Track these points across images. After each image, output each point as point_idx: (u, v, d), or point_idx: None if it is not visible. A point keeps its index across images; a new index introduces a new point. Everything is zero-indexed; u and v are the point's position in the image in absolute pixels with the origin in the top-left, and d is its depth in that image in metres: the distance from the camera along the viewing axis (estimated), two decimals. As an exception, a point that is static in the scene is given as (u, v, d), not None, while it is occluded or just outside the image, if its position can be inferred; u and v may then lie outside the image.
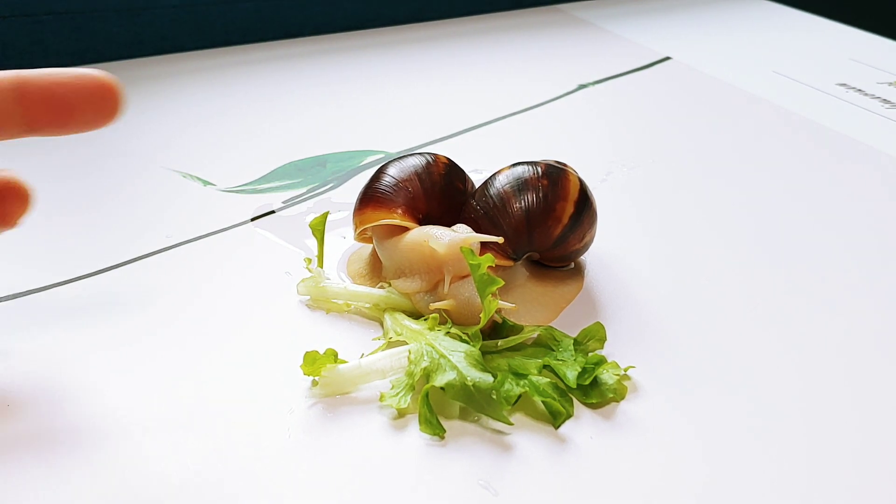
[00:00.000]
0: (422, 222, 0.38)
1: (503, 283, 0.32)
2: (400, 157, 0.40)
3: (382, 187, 0.39)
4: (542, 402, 0.31)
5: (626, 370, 0.33)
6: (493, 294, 0.33)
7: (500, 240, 0.35)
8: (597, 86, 0.68)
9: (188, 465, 0.29)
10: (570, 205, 0.37)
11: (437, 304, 0.35)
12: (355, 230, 0.39)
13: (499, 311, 0.34)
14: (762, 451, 0.30)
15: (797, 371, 0.35)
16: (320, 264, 0.39)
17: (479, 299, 0.33)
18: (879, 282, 0.41)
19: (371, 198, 0.39)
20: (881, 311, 0.39)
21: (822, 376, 0.34)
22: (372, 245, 0.41)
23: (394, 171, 0.39)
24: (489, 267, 0.33)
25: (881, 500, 0.29)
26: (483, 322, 0.33)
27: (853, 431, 0.32)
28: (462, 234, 0.36)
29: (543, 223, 0.37)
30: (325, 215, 0.39)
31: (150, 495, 0.28)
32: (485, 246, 0.36)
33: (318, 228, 0.39)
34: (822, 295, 0.40)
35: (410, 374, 0.32)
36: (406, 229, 0.37)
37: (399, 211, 0.38)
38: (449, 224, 0.37)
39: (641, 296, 0.39)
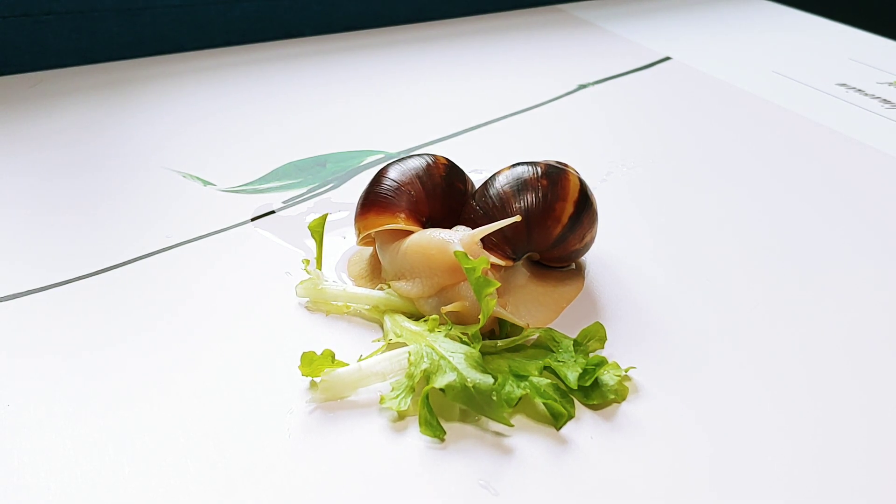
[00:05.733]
0: (425, 225, 0.38)
1: (499, 284, 0.32)
2: (399, 160, 0.40)
3: (384, 191, 0.39)
4: (544, 403, 0.31)
5: (626, 371, 0.33)
6: (491, 295, 0.32)
7: (517, 219, 0.35)
8: (597, 86, 0.68)
9: (188, 466, 0.29)
10: (569, 205, 0.37)
11: (448, 307, 0.35)
12: (358, 235, 0.39)
13: (495, 315, 0.34)
14: (764, 451, 0.30)
15: (799, 371, 0.35)
16: (319, 266, 0.39)
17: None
18: (878, 281, 0.41)
19: (373, 202, 0.39)
20: (881, 310, 0.39)
21: (824, 377, 0.34)
22: (373, 247, 0.41)
23: (394, 175, 0.39)
24: (489, 268, 0.32)
25: (883, 497, 0.29)
26: (482, 322, 0.33)
27: (855, 433, 0.31)
28: (471, 230, 0.35)
29: (542, 223, 0.37)
30: (324, 217, 0.39)
31: (150, 495, 0.28)
32: (487, 247, 0.36)
33: (318, 231, 0.38)
34: (822, 294, 0.40)
35: (410, 376, 0.32)
36: (409, 233, 0.37)
37: (402, 215, 0.38)
38: (451, 225, 0.37)
39: (642, 296, 0.39)
